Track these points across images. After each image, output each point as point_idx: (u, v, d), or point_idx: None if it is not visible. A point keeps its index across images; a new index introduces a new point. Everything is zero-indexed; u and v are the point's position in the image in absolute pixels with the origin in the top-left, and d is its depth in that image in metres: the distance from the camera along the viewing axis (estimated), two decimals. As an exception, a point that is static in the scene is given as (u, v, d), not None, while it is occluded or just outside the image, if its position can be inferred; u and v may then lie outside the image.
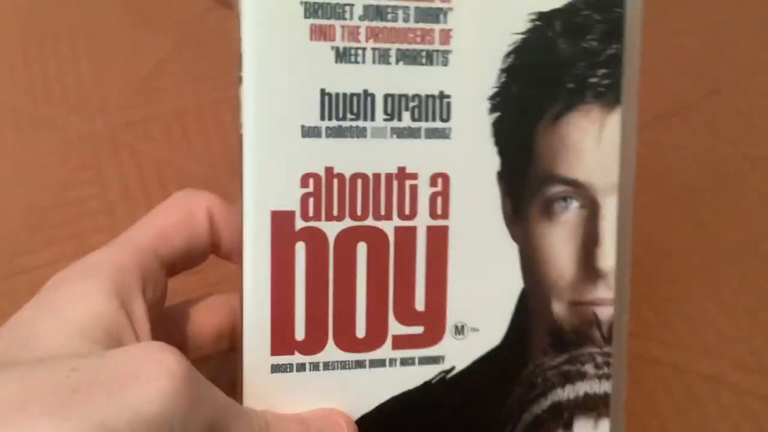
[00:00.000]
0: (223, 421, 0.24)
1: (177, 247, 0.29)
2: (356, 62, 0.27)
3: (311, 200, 0.27)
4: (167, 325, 0.29)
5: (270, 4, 0.26)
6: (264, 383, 0.27)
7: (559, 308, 0.30)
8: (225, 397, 0.25)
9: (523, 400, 0.30)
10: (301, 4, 0.26)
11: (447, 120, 0.28)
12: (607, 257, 0.30)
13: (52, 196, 0.44)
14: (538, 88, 0.29)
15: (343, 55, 0.27)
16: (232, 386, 0.28)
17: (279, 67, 0.27)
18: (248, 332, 0.27)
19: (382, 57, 0.27)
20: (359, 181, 0.27)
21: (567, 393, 0.30)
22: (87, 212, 0.43)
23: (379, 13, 0.27)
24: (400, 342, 0.28)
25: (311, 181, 0.27)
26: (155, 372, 0.22)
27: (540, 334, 0.30)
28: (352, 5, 0.27)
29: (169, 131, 0.46)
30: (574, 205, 0.29)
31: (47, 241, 0.42)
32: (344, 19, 0.27)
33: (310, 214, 0.27)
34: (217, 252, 0.30)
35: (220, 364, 0.30)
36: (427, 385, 0.29)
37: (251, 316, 0.27)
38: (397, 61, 0.27)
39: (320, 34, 0.27)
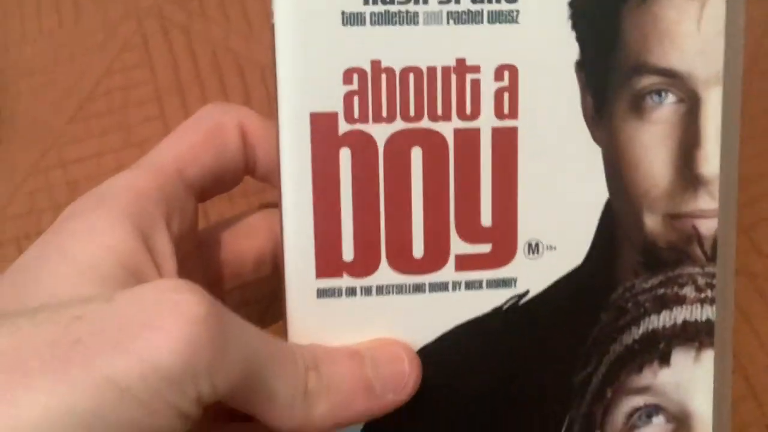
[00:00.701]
0: (261, 364, 0.21)
1: (205, 167, 0.26)
2: (404, -65, 0.23)
3: (356, 99, 0.23)
4: (200, 252, 0.26)
5: None
6: (310, 311, 0.24)
7: (652, 222, 0.25)
8: (261, 336, 0.22)
9: (610, 328, 0.26)
10: None
11: (514, 0, 0.24)
12: (710, 161, 0.25)
13: (94, 82, 0.39)
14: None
15: (388, -73, 0.23)
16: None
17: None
18: (290, 253, 0.24)
19: (435, -73, 0.23)
20: (411, 76, 0.24)
21: (663, 320, 0.26)
22: (133, 101, 0.39)
23: None
24: (464, 262, 0.24)
25: (355, 76, 0.23)
26: (170, 317, 0.19)
27: (629, 252, 0.25)
28: None
29: (226, 9, 0.40)
30: (670, 99, 0.25)
31: (88, 132, 0.38)
32: None
33: (356, 115, 0.24)
34: (252, 173, 0.27)
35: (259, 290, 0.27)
36: (497, 311, 0.25)
37: (292, 234, 0.24)
38: (453, -68, 0.23)
39: None
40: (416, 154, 0.24)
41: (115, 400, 0.18)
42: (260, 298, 0.30)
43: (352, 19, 0.23)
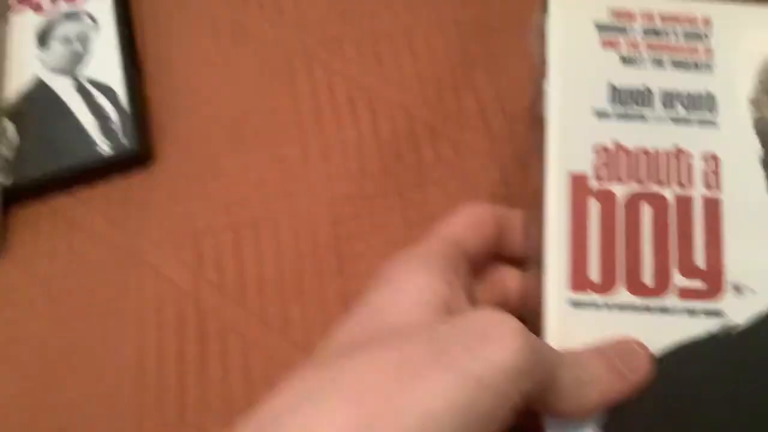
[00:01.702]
0: (554, 367, 0.28)
1: (475, 243, 0.34)
2: (637, 65, 0.34)
3: (603, 166, 0.33)
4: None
5: (570, 24, 0.34)
6: (563, 317, 0.31)
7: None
8: (551, 348, 0.29)
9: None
10: (594, 24, 0.34)
11: (714, 113, 0.34)
12: None
13: (248, 104, 0.45)
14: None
15: (626, 60, 0.34)
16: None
17: (576, 66, 0.34)
18: (550, 271, 0.32)
19: (658, 62, 0.34)
20: (642, 154, 0.33)
21: None
22: (279, 123, 0.45)
23: (655, 32, 0.34)
24: (684, 293, 0.32)
25: (602, 151, 0.33)
26: (502, 331, 0.27)
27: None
28: (633, 26, 0.34)
29: (362, 51, 0.46)
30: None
31: (238, 149, 0.44)
32: (626, 33, 0.34)
33: (603, 176, 0.33)
34: (501, 251, 0.36)
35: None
36: (711, 336, 0.31)
37: (553, 256, 0.32)
38: (670, 67, 0.34)
39: (609, 44, 0.34)
40: (646, 209, 0.33)
41: (477, 389, 0.25)
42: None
43: (601, 113, 0.34)
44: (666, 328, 0.31)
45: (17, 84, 0.47)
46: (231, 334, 0.39)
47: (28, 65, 0.48)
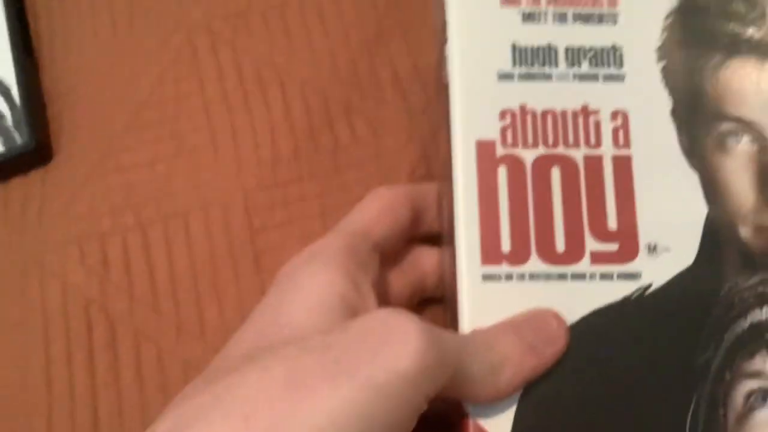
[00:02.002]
0: (461, 357, 0.27)
1: (385, 232, 0.33)
2: (539, 22, 0.33)
3: (509, 131, 0.31)
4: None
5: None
6: (477, 292, 0.30)
7: (745, 232, 0.32)
8: (455, 335, 0.28)
9: (722, 320, 0.31)
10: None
11: (621, 66, 0.33)
12: (782, 185, 0.32)
13: (149, 90, 0.42)
14: (697, 45, 0.33)
15: (528, 17, 0.33)
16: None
17: (477, 28, 0.32)
18: (461, 245, 0.30)
19: (561, 17, 0.33)
20: (549, 116, 0.32)
21: (765, 314, 0.31)
22: (184, 110, 0.42)
23: (554, -15, 0.33)
24: (597, 257, 0.31)
25: (508, 115, 0.32)
26: (400, 334, 0.25)
27: (730, 255, 0.31)
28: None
29: (269, 26, 0.43)
30: (745, 139, 0.32)
31: (143, 139, 0.41)
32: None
33: (509, 142, 0.31)
34: (418, 231, 0.34)
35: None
36: (626, 300, 0.30)
37: (463, 231, 0.31)
38: (574, 21, 0.33)
39: (509, 2, 0.33)
40: (555, 173, 0.31)
41: (374, 399, 0.24)
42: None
43: (504, 76, 0.32)
44: (581, 295, 0.30)
45: None
46: (144, 341, 0.37)
47: None
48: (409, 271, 0.34)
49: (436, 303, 0.36)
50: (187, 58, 0.43)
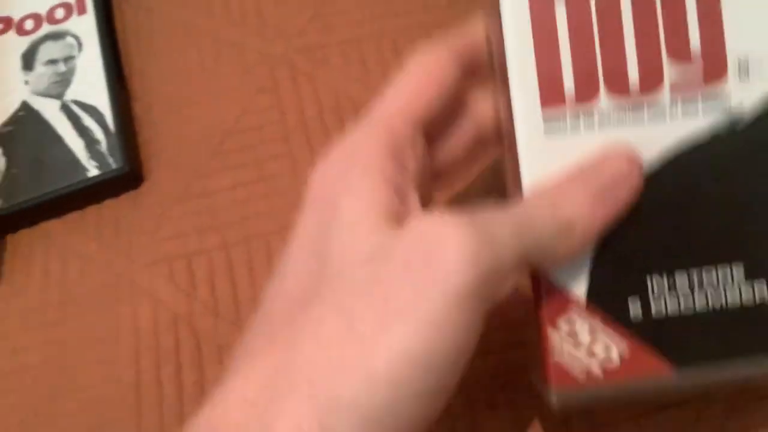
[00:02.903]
0: (524, 234, 0.25)
1: (431, 104, 0.29)
2: None
3: None
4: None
5: None
6: (537, 143, 0.27)
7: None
8: (511, 216, 0.26)
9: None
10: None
11: None
12: None
13: (234, 120, 0.44)
14: None
15: None
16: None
17: None
18: (515, 83, 0.27)
19: None
20: None
21: None
22: (266, 138, 0.43)
23: None
24: (676, 86, 0.27)
25: None
26: (446, 247, 0.24)
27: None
28: None
29: (347, 59, 0.45)
30: None
31: (226, 166, 0.43)
32: None
33: None
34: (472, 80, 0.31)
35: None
36: (713, 135, 0.27)
37: (516, 64, 0.27)
38: None
39: None
40: None
41: (430, 333, 0.23)
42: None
43: None
44: (660, 130, 0.27)
45: (4, 108, 0.47)
46: (227, 357, 0.39)
47: (15, 89, 0.48)
48: (466, 130, 0.31)
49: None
50: (268, 90, 0.45)
